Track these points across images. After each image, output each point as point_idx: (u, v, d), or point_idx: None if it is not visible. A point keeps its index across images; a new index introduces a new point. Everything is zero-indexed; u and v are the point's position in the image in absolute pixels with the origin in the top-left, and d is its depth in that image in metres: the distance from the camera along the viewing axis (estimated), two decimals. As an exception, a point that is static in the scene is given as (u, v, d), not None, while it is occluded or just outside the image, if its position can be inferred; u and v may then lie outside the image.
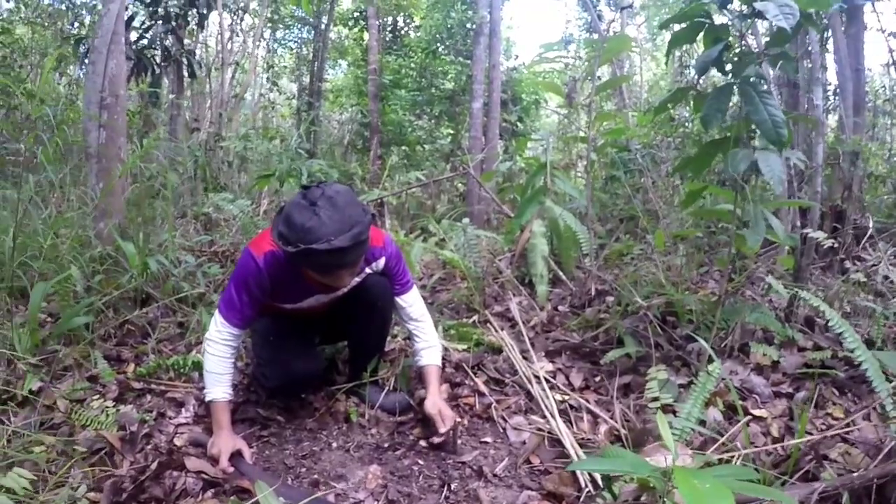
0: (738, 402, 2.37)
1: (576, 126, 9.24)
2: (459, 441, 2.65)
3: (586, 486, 2.24)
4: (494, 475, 2.42)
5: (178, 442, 2.60)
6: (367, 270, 2.73)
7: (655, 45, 19.70)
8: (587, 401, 2.94)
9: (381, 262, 2.75)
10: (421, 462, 2.53)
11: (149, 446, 2.52)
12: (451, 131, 12.46)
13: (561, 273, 4.67)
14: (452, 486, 2.34)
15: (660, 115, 4.89)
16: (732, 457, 2.24)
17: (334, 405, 2.96)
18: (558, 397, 2.94)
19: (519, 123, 12.06)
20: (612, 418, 2.80)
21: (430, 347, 2.85)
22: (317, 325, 3.02)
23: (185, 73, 10.53)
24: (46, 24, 11.30)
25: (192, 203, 6.42)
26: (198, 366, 3.08)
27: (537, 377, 3.11)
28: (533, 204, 4.65)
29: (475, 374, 3.21)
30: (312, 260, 2.22)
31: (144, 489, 2.20)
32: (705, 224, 4.37)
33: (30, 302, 3.08)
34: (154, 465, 2.28)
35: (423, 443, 2.67)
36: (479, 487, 2.33)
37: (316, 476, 2.45)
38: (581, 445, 2.54)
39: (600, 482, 2.20)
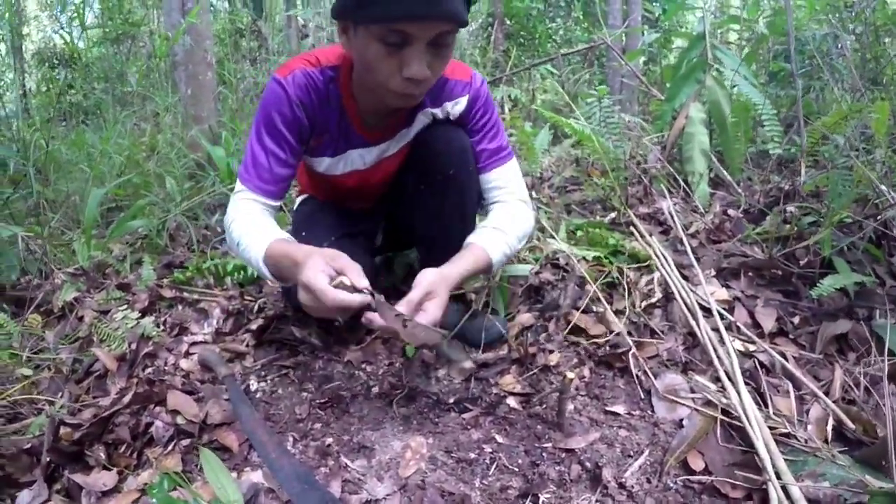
0: None
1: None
2: (570, 408, 1.59)
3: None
4: (621, 485, 1.34)
5: (184, 365, 1.88)
6: (431, 112, 1.73)
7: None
8: (784, 356, 1.78)
9: (462, 102, 1.72)
10: (499, 439, 1.50)
11: (149, 369, 1.86)
12: (586, 24, 10.74)
13: (725, 173, 3.36)
14: (541, 499, 1.29)
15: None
16: None
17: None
18: (739, 346, 1.79)
19: (663, 19, 10.26)
20: (826, 394, 1.64)
21: (493, 229, 1.70)
22: (370, 220, 2.08)
23: None
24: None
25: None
26: (239, 270, 2.42)
27: (706, 309, 1.96)
28: (689, 83, 3.39)
29: (609, 298, 2.10)
30: None
31: (112, 428, 1.56)
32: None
33: (87, 209, 2.76)
34: (128, 398, 1.63)
35: (511, 402, 1.63)
36: (592, 507, 1.28)
37: (330, 441, 1.51)
38: (779, 442, 1.41)
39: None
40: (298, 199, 2.13)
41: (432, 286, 1.47)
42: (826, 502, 1.22)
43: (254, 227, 1.56)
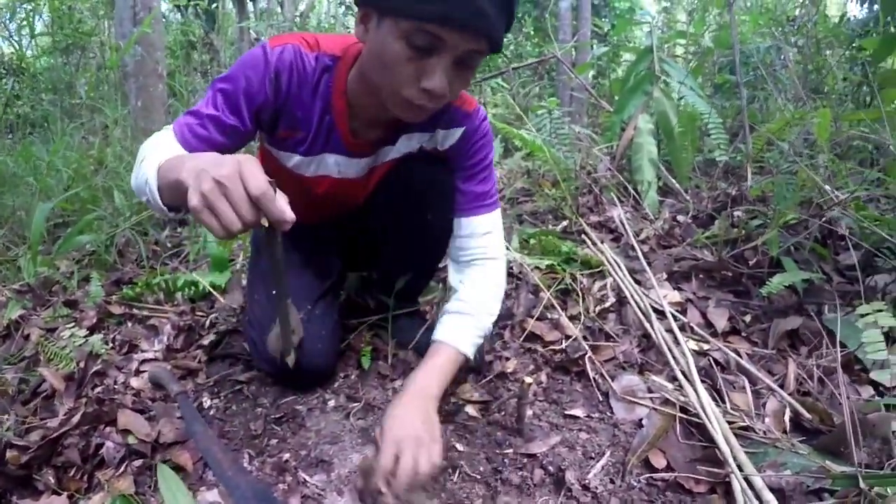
0: None
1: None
2: (529, 413, 1.57)
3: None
4: (584, 487, 1.32)
5: (135, 383, 1.78)
6: (424, 139, 1.56)
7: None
8: (738, 353, 1.79)
9: (457, 134, 1.54)
10: (460, 447, 1.47)
11: (99, 388, 1.76)
12: (537, 39, 10.90)
13: (673, 181, 3.41)
14: (500, 503, 1.26)
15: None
16: None
17: (350, 341, 1.92)
18: (694, 346, 1.80)
19: (611, 34, 10.46)
20: (781, 387, 1.65)
21: (463, 315, 1.55)
22: (336, 247, 1.92)
23: None
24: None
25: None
26: (190, 286, 2.33)
27: (659, 311, 1.96)
28: (637, 95, 3.44)
29: (563, 304, 2.09)
30: None
31: (62, 451, 1.48)
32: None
33: (33, 224, 2.62)
34: (77, 419, 1.56)
35: (470, 410, 1.60)
36: (557, 510, 1.25)
37: (287, 456, 1.46)
38: (738, 436, 1.40)
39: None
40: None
41: (397, 429, 1.27)
42: (788, 490, 1.21)
43: (158, 149, 1.24)
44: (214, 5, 9.01)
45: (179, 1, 6.35)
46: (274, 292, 1.21)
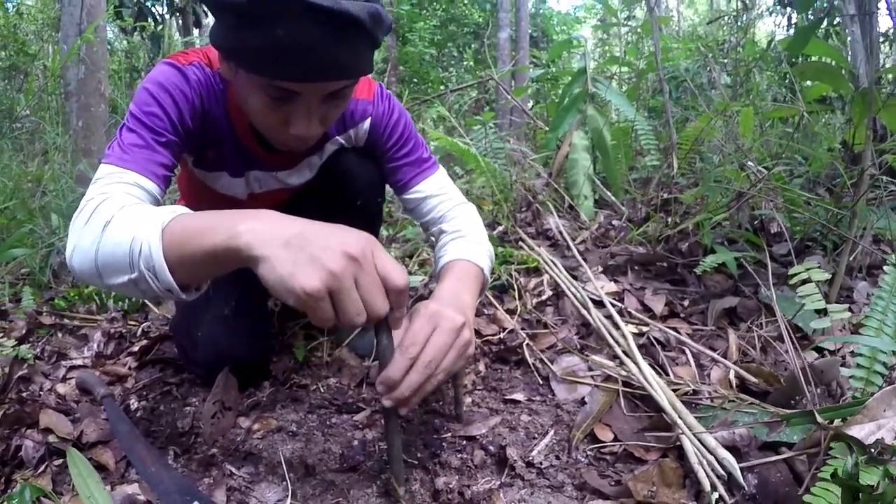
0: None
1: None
2: (468, 401, 1.47)
3: (714, 486, 1.04)
4: (529, 463, 1.22)
5: (61, 389, 1.66)
6: (340, 140, 1.50)
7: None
8: (677, 331, 1.73)
9: (366, 125, 1.48)
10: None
11: (24, 394, 1.64)
12: (478, 71, 11.05)
13: (609, 194, 3.40)
14: (439, 486, 1.15)
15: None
16: None
17: (286, 339, 1.82)
18: (633, 329, 1.73)
19: (550, 66, 10.70)
20: (724, 356, 1.59)
21: (462, 238, 1.45)
22: None
23: (192, 24, 9.63)
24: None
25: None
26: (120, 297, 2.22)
27: (597, 303, 1.90)
28: (572, 113, 3.51)
29: (500, 300, 2.02)
30: (272, 33, 0.97)
31: None
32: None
33: None
34: None
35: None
36: (498, 488, 1.15)
37: (214, 451, 1.32)
38: (685, 403, 1.33)
39: (738, 476, 1.03)
40: None
41: (435, 312, 1.07)
42: (742, 445, 1.14)
43: (142, 212, 0.98)
44: (161, 27, 8.86)
45: (125, 23, 6.20)
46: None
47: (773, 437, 1.13)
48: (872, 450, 0.86)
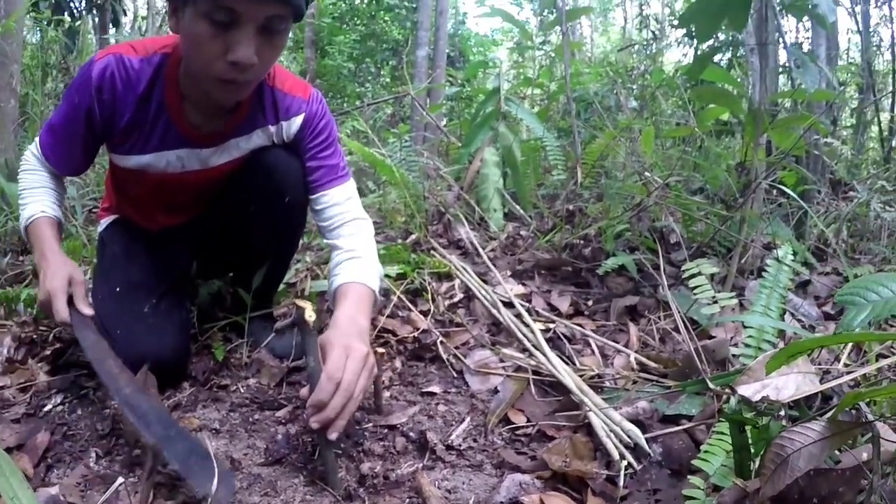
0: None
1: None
2: (386, 395, 1.51)
3: (622, 455, 1.12)
4: (448, 446, 1.27)
5: None
6: (270, 130, 1.54)
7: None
8: (582, 327, 1.82)
9: (298, 122, 1.55)
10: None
11: None
12: (394, 88, 11.11)
13: (517, 207, 3.52)
14: (364, 471, 1.19)
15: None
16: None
17: (203, 340, 1.80)
18: (541, 326, 1.81)
19: (466, 85, 10.90)
20: (626, 347, 1.69)
21: (356, 259, 1.51)
22: (188, 245, 1.81)
23: (109, 21, 9.27)
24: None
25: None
26: (33, 301, 2.02)
27: (506, 304, 1.97)
28: (484, 130, 3.61)
29: (414, 303, 2.06)
30: None
31: None
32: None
33: None
34: None
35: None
36: (423, 468, 1.19)
37: (138, 452, 1.29)
38: (592, 387, 1.41)
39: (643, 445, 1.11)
40: (102, 223, 1.84)
41: (336, 340, 1.23)
42: (645, 418, 1.22)
43: (36, 187, 1.58)
44: (78, 23, 8.47)
45: (40, 16, 5.90)
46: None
47: (673, 409, 1.22)
48: (759, 406, 0.95)
